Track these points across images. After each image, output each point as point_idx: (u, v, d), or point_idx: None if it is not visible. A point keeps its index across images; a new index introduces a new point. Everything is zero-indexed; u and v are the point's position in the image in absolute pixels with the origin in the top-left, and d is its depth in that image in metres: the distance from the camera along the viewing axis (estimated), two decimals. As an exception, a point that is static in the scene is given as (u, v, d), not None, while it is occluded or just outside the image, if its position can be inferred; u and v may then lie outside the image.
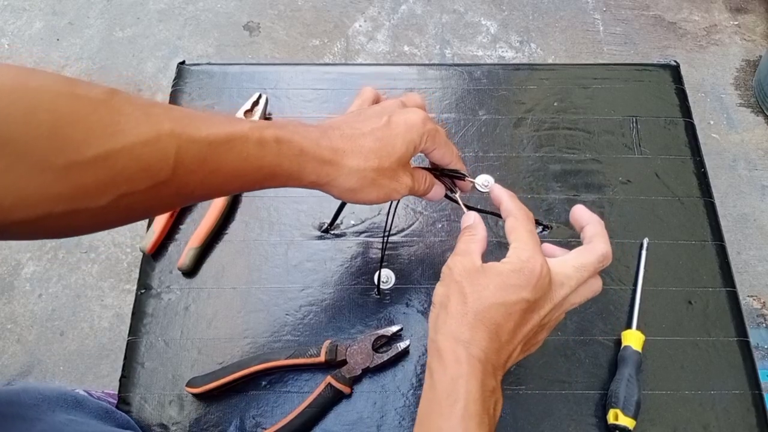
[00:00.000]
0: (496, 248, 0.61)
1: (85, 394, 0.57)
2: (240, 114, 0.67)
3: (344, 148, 0.44)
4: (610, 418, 0.52)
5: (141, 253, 0.62)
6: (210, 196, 0.41)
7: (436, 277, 0.60)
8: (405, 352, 0.56)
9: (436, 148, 0.48)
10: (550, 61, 1.76)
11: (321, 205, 0.64)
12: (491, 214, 0.63)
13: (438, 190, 0.51)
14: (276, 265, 0.61)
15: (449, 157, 0.50)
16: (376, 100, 0.51)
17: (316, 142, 0.43)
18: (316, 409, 0.53)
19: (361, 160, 0.44)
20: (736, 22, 1.86)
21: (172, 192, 0.37)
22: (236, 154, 0.39)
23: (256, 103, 0.68)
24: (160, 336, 0.58)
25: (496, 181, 0.66)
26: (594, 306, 0.59)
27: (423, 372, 0.56)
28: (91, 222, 0.34)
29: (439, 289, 0.43)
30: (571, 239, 0.62)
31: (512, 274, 0.40)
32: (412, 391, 0.55)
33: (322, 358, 0.54)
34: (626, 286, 0.60)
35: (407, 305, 0.59)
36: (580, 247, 0.44)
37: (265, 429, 0.52)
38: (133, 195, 0.34)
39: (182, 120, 0.36)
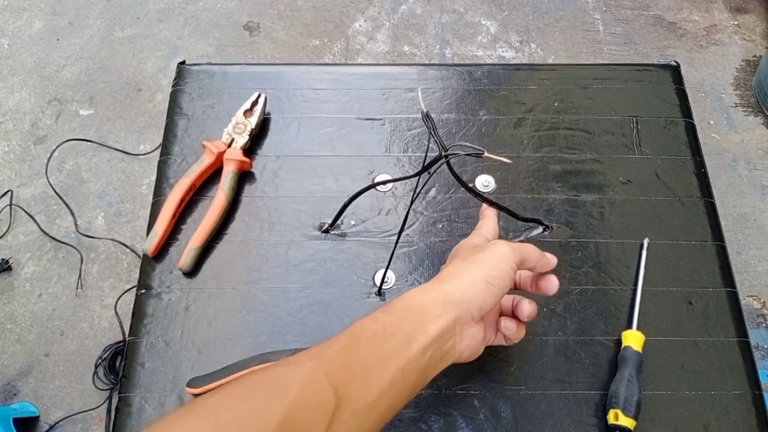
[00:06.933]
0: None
1: None
2: (239, 114, 0.67)
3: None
4: (611, 419, 0.52)
5: (141, 253, 0.62)
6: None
7: (436, 277, 0.60)
8: (405, 353, 0.56)
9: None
10: (550, 61, 1.76)
11: (321, 205, 0.64)
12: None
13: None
14: (276, 266, 0.61)
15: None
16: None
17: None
18: (316, 409, 0.52)
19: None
20: (736, 22, 1.86)
21: None
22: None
23: (255, 103, 0.68)
24: (160, 336, 0.58)
25: (497, 181, 0.66)
26: (594, 306, 0.59)
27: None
28: None
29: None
30: (571, 239, 0.62)
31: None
32: (412, 391, 0.55)
33: (322, 358, 0.53)
34: (626, 287, 0.60)
35: (407, 305, 0.59)
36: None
37: (266, 429, 0.52)
38: None
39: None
